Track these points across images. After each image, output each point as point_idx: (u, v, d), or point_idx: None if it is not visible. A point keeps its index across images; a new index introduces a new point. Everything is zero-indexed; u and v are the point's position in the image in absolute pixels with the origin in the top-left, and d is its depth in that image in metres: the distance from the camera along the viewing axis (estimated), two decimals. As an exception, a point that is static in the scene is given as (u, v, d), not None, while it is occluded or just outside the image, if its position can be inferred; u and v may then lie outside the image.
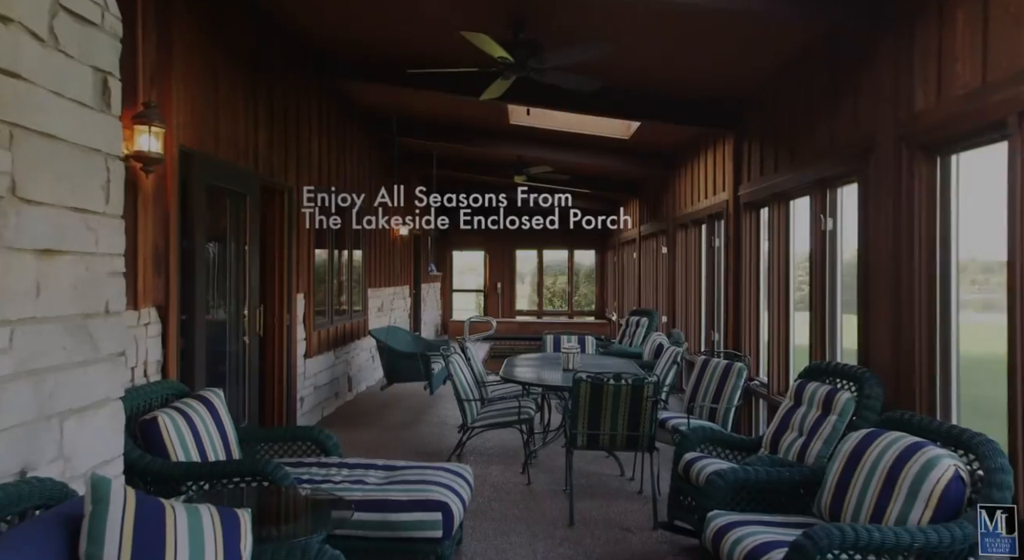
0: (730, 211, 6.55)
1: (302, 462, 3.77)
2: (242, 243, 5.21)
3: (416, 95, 7.85)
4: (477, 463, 5.63)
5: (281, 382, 6.17)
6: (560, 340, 7.38)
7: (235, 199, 5.12)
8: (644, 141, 8.70)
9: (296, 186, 6.42)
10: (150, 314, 3.81)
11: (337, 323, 7.81)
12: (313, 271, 6.91)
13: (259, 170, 5.43)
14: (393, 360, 7.23)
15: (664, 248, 10.13)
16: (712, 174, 7.33)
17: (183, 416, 3.40)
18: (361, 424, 7.08)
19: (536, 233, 17.37)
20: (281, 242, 6.17)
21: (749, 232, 6.23)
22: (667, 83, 6.23)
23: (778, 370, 5.51)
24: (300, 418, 6.57)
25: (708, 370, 5.29)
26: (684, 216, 8.61)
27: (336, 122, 7.72)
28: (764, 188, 5.68)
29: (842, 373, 3.82)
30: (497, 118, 8.44)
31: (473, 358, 6.13)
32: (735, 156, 6.41)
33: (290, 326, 6.23)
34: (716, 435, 4.03)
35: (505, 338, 16.01)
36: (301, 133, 6.55)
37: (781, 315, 5.49)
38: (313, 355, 6.90)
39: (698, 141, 7.90)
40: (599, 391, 4.34)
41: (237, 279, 5.15)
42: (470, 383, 5.37)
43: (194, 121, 4.34)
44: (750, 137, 6.11)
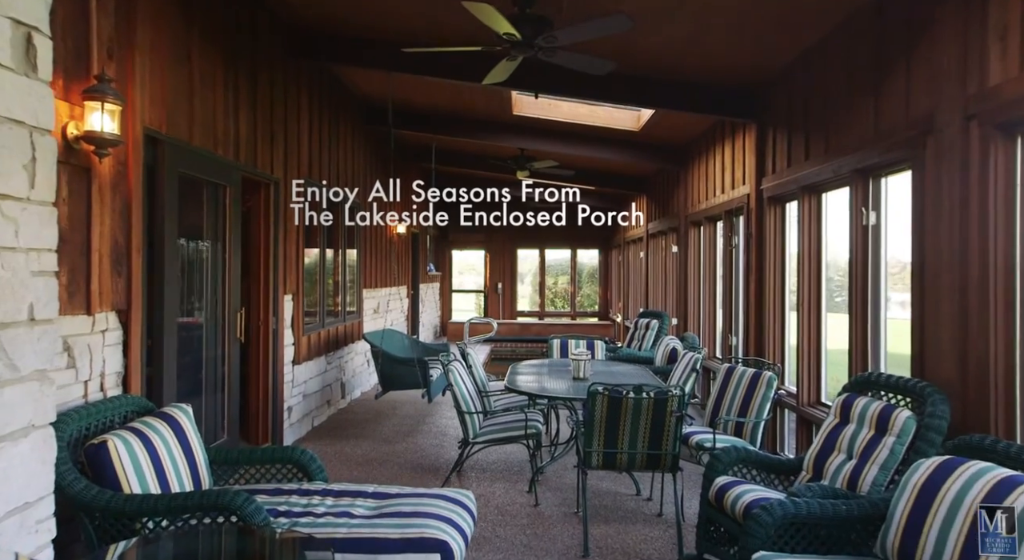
0: (752, 206, 6.08)
1: (281, 489, 3.29)
2: (221, 240, 4.74)
3: (414, 83, 7.39)
4: (479, 480, 5.16)
5: (266, 391, 5.70)
6: (567, 344, 6.90)
7: (213, 191, 4.64)
8: (655, 134, 8.23)
9: (284, 179, 5.95)
10: (108, 319, 3.34)
11: (329, 326, 7.34)
12: (303, 271, 6.44)
13: (241, 160, 4.96)
14: (388, 366, 6.75)
15: (674, 246, 9.66)
16: (731, 167, 6.86)
17: (141, 439, 2.92)
18: (354, 435, 6.60)
19: (538, 232, 17.00)
20: (266, 239, 5.70)
21: (773, 228, 5.76)
22: (685, 68, 5.75)
23: (808, 378, 5.04)
24: (288, 430, 6.09)
25: (733, 380, 4.82)
26: (698, 213, 8.14)
27: (328, 112, 7.25)
28: (792, 180, 5.20)
29: (897, 387, 3.35)
30: (500, 108, 7.97)
31: (475, 365, 5.66)
32: (758, 147, 5.94)
33: (276, 330, 5.76)
34: (751, 456, 3.56)
35: (506, 340, 15.54)
36: (289, 122, 6.08)
37: (812, 318, 5.02)
38: (302, 361, 6.43)
39: (714, 132, 7.43)
40: (617, 405, 3.87)
41: (215, 279, 4.67)
42: (472, 394, 4.90)
43: (163, 102, 3.86)
44: (776, 125, 5.63)
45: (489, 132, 8.74)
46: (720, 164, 7.23)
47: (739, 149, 6.60)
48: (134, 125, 3.48)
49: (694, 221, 8.46)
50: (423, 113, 8.66)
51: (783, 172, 5.43)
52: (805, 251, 5.06)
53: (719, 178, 7.27)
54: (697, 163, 8.18)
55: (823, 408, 4.87)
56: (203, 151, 4.37)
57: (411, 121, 8.67)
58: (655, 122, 7.70)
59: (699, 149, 8.06)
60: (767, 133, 5.82)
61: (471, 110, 8.33)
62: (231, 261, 4.85)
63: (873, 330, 4.16)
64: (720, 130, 7.21)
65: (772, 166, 5.69)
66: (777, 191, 5.58)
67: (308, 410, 6.68)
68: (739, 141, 6.60)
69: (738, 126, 6.61)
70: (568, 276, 18.15)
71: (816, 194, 5.00)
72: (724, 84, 6.00)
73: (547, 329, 16.02)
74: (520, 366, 5.95)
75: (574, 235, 17.03)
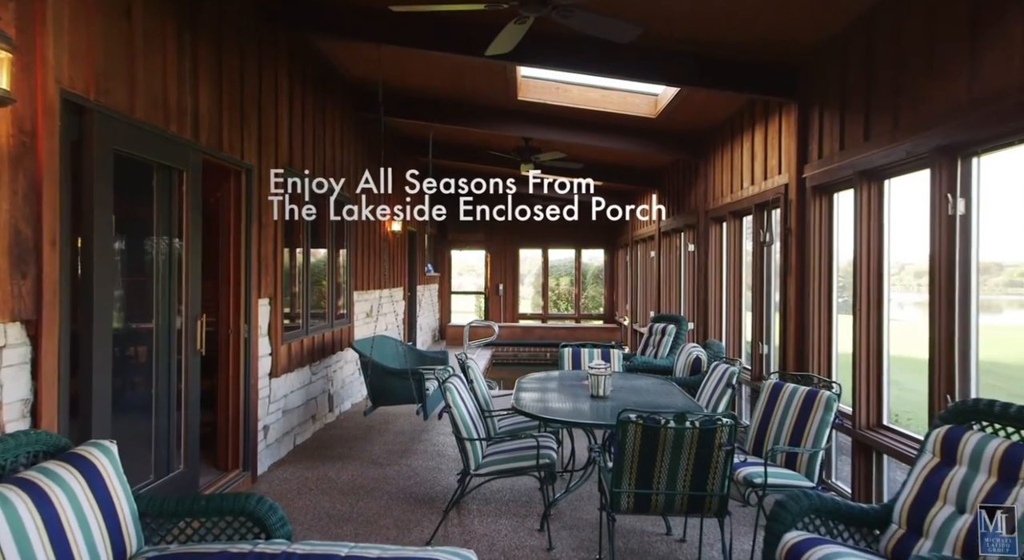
0: (791, 197, 5.34)
1: (228, 553, 2.54)
2: (176, 235, 4.00)
3: (408, 63, 6.65)
4: (481, 515, 4.42)
5: (237, 410, 4.96)
6: (579, 354, 6.13)
7: (165, 176, 3.90)
8: (674, 120, 7.49)
9: (258, 167, 5.21)
10: (6, 333, 2.60)
11: (315, 333, 6.60)
12: (282, 272, 5.69)
13: (201, 140, 4.22)
14: (379, 378, 6.01)
15: (691, 245, 8.92)
16: (762, 155, 6.12)
17: (33, 497, 2.18)
18: (340, 456, 5.85)
19: (541, 231, 16.25)
20: (237, 235, 4.96)
21: (818, 221, 5.03)
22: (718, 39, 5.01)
23: (867, 395, 4.31)
24: (264, 452, 5.35)
25: (782, 399, 4.08)
26: (720, 208, 7.40)
27: (313, 94, 6.51)
28: (845, 166, 4.47)
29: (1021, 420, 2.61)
30: (504, 91, 7.23)
31: (477, 379, 4.92)
32: (799, 129, 5.21)
33: (249, 339, 5.01)
34: (826, 505, 2.82)
35: (508, 344, 14.80)
36: (264, 102, 5.34)
37: (872, 324, 4.29)
38: (281, 373, 5.68)
39: (741, 117, 6.70)
40: (653, 437, 3.13)
41: (168, 282, 3.93)
42: (473, 416, 4.16)
43: (90, 61, 3.12)
44: (823, 104, 4.90)
45: (491, 119, 8.00)
46: (749, 153, 6.49)
47: (773, 134, 5.86)
48: (45, 85, 2.74)
49: (715, 217, 7.72)
50: (419, 98, 7.92)
51: (833, 157, 4.69)
52: (863, 246, 4.32)
53: (747, 168, 6.54)
54: (720, 153, 7.44)
55: (887, 433, 4.14)
56: (149, 126, 3.62)
57: (405, 107, 7.92)
58: (674, 107, 6.96)
59: (723, 137, 7.32)
60: (811, 114, 5.09)
61: (472, 95, 7.60)
62: (189, 260, 4.11)
63: (962, 339, 3.42)
64: (749, 114, 6.48)
65: (818, 151, 4.96)
66: (824, 179, 4.84)
67: (289, 427, 5.94)
68: (773, 125, 5.87)
69: (772, 108, 5.87)
70: (572, 277, 17.40)
71: (878, 180, 4.26)
72: (761, 58, 5.27)
73: (550, 332, 15.29)
74: (527, 381, 5.20)
75: (579, 234, 16.30)
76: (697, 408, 4.11)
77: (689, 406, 4.15)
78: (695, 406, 4.16)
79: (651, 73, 5.33)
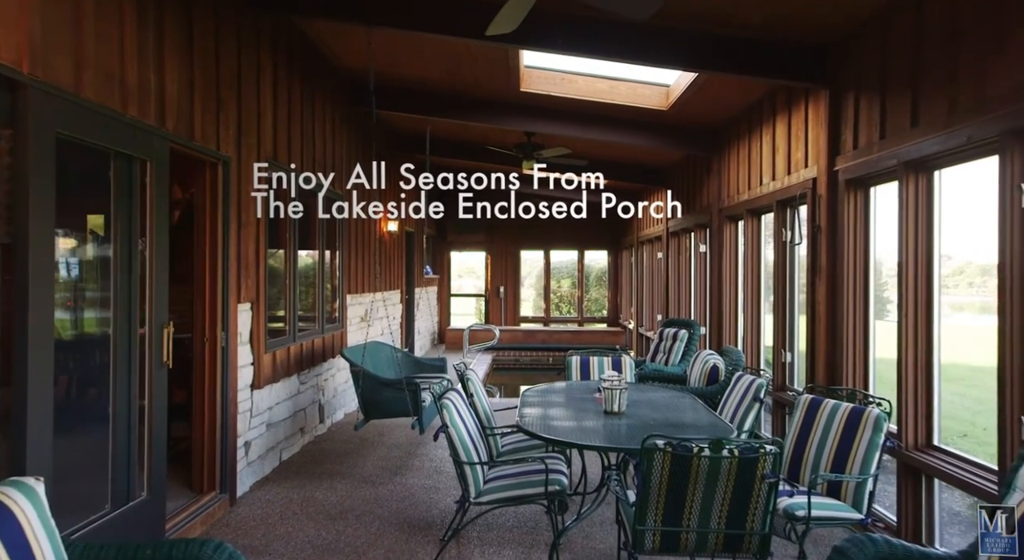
0: (820, 192, 4.89)
1: (174, 617, 2.09)
2: (139, 233, 3.54)
3: (403, 51, 6.21)
4: (483, 545, 3.96)
5: (213, 426, 4.50)
6: (588, 363, 5.65)
7: (124, 167, 3.45)
8: (687, 113, 7.04)
9: (238, 160, 4.76)
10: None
11: (303, 340, 6.14)
12: (265, 274, 5.24)
13: (168, 127, 3.77)
14: (371, 390, 5.54)
15: (703, 246, 8.47)
16: (786, 148, 5.67)
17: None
18: (329, 473, 5.39)
19: (543, 232, 15.79)
20: (213, 234, 4.51)
21: (852, 218, 4.57)
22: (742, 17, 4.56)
23: (915, 411, 3.85)
24: (244, 470, 4.89)
25: (820, 417, 3.62)
26: (736, 205, 6.95)
27: (301, 84, 6.06)
28: (886, 156, 4.02)
29: None
30: (506, 82, 6.79)
31: (477, 392, 4.45)
32: (831, 118, 4.75)
33: (226, 348, 4.56)
34: (896, 553, 2.36)
35: (509, 348, 14.35)
36: (246, 90, 4.89)
37: (920, 331, 3.83)
38: (264, 384, 5.22)
39: (761, 108, 6.25)
40: (684, 468, 2.67)
41: (128, 285, 3.47)
42: (473, 436, 3.69)
43: (23, 27, 2.66)
44: (860, 88, 4.44)
45: (492, 112, 7.55)
46: (770, 145, 6.04)
47: (798, 125, 5.41)
48: (-41, 52, 2.29)
49: (731, 216, 7.27)
50: (415, 91, 7.47)
51: (872, 147, 4.24)
52: (908, 245, 3.87)
53: (768, 162, 6.08)
54: (736, 147, 6.99)
55: (939, 455, 3.68)
56: (102, 108, 3.17)
57: (401, 99, 7.48)
58: (687, 98, 6.51)
59: (739, 130, 6.87)
60: (844, 100, 4.63)
61: (472, 86, 7.14)
62: (153, 261, 3.66)
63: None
64: (770, 104, 6.03)
65: (853, 141, 4.50)
66: (860, 172, 4.39)
67: (274, 442, 5.48)
68: (798, 115, 5.41)
69: (797, 96, 5.42)
70: (574, 279, 16.95)
71: (926, 171, 3.80)
72: (788, 40, 4.81)
73: (553, 336, 14.83)
74: (531, 393, 4.74)
75: (582, 235, 15.85)
76: (727, 429, 3.64)
77: (719, 426, 3.69)
78: (725, 426, 3.70)
79: (666, 56, 4.87)
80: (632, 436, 3.49)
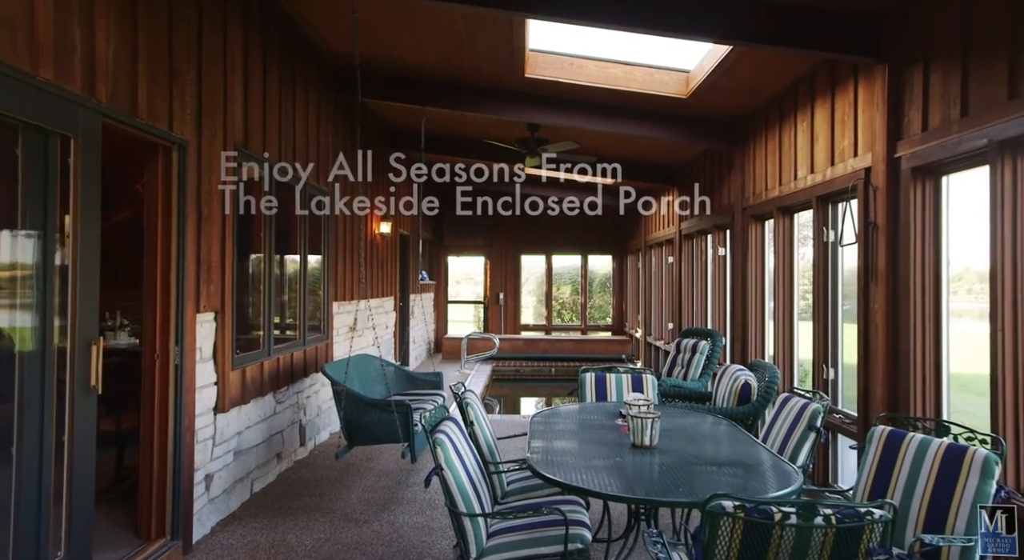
0: (877, 184, 4.20)
1: None
2: (54, 225, 2.84)
3: (395, 31, 5.53)
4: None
5: (163, 459, 3.78)
6: (604, 382, 4.91)
7: (38, 144, 2.75)
8: (709, 101, 6.36)
9: (198, 144, 4.06)
10: None
11: (280, 353, 5.43)
12: (233, 278, 4.53)
13: (100, 97, 3.07)
14: (355, 411, 4.83)
15: (722, 248, 7.79)
16: (827, 135, 4.99)
17: None
18: (307, 508, 4.67)
19: (544, 236, 15.05)
20: (166, 231, 3.81)
21: (920, 212, 3.89)
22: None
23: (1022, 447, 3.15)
24: (205, 509, 4.17)
25: (904, 457, 2.91)
26: (764, 203, 6.26)
27: (278, 64, 5.37)
28: (971, 136, 3.34)
29: None
30: (510, 66, 6.12)
31: (478, 418, 3.73)
32: (891, 96, 4.07)
33: (181, 366, 3.85)
34: None
35: (509, 358, 13.65)
36: (209, 62, 4.20)
37: (1020, 344, 3.13)
38: (231, 407, 4.51)
39: (795, 92, 5.57)
40: (763, 539, 1.97)
41: (44, 291, 2.77)
42: (474, 478, 2.98)
43: None
44: (928, 60, 3.77)
45: (493, 101, 6.86)
46: (806, 134, 5.36)
47: (844, 108, 4.73)
48: None
49: (757, 214, 6.59)
50: (409, 78, 6.79)
51: (948, 126, 3.56)
52: (1003, 240, 3.18)
53: (805, 153, 5.40)
54: (764, 138, 6.31)
55: (1050, 501, 2.97)
56: None
57: (393, 86, 6.80)
58: (711, 84, 5.84)
59: (769, 118, 6.19)
60: (908, 75, 3.96)
61: (472, 72, 6.46)
62: (78, 262, 2.95)
63: None
64: (807, 88, 5.35)
65: (922, 121, 3.82)
66: (932, 157, 3.70)
67: (243, 472, 4.76)
68: (844, 97, 4.74)
69: (843, 75, 4.75)
70: (577, 285, 16.24)
71: (1029, 153, 3.12)
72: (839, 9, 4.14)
73: (555, 346, 14.13)
74: (541, 419, 4.01)
75: (585, 239, 15.18)
76: (793, 473, 2.93)
77: (783, 470, 2.98)
78: (789, 469, 2.98)
79: (701, 26, 4.17)
80: (674, 481, 2.79)
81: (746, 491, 2.61)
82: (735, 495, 2.01)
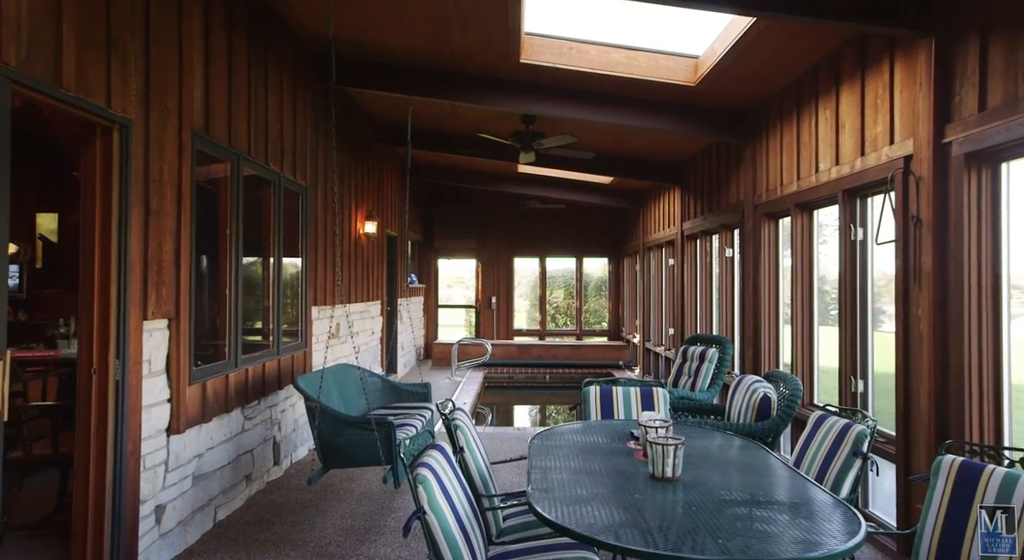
0: (921, 173, 3.72)
1: None
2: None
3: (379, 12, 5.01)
4: None
5: (100, 490, 3.23)
6: (611, 396, 4.39)
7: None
8: (719, 89, 5.87)
9: (146, 124, 3.52)
10: None
11: (249, 364, 4.88)
12: (189, 280, 3.98)
13: (10, 61, 2.54)
14: (331, 430, 4.29)
15: (729, 249, 7.31)
16: (857, 122, 4.50)
17: None
18: (276, 540, 4.12)
19: (538, 238, 14.48)
20: (105, 225, 3.27)
21: (974, 204, 3.40)
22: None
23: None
24: (154, 545, 3.61)
25: (981, 494, 2.41)
26: (779, 200, 5.78)
27: (247, 40, 4.83)
28: (1046, 113, 2.85)
29: None
30: (504, 50, 5.61)
31: (470, 444, 3.20)
32: (937, 75, 3.59)
33: (123, 381, 3.30)
34: None
35: (502, 364, 13.09)
36: (160, 36, 3.66)
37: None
38: (187, 427, 3.96)
39: (816, 76, 5.09)
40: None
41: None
42: (464, 518, 2.46)
43: None
44: (985, 31, 3.29)
45: (486, 89, 6.34)
46: (830, 121, 4.88)
47: (877, 90, 4.25)
48: None
49: (770, 212, 6.10)
50: (393, 65, 6.27)
51: (1014, 104, 3.08)
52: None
53: (828, 143, 4.92)
54: (779, 129, 5.83)
55: None
56: None
57: (376, 73, 6.28)
58: (723, 69, 5.36)
59: (785, 107, 5.71)
60: (960, 49, 3.48)
61: (463, 57, 5.95)
62: (-23, 258, 2.42)
63: None
64: (831, 70, 4.87)
65: (978, 101, 3.34)
66: (991, 140, 3.22)
67: (205, 500, 4.21)
68: (877, 78, 4.26)
69: (875, 54, 4.27)
70: (571, 289, 15.73)
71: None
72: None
73: (549, 351, 13.60)
74: (539, 442, 3.47)
75: (580, 240, 14.69)
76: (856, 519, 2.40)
77: (843, 512, 2.45)
78: (852, 515, 2.45)
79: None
80: (708, 527, 2.26)
81: (806, 546, 2.09)
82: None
